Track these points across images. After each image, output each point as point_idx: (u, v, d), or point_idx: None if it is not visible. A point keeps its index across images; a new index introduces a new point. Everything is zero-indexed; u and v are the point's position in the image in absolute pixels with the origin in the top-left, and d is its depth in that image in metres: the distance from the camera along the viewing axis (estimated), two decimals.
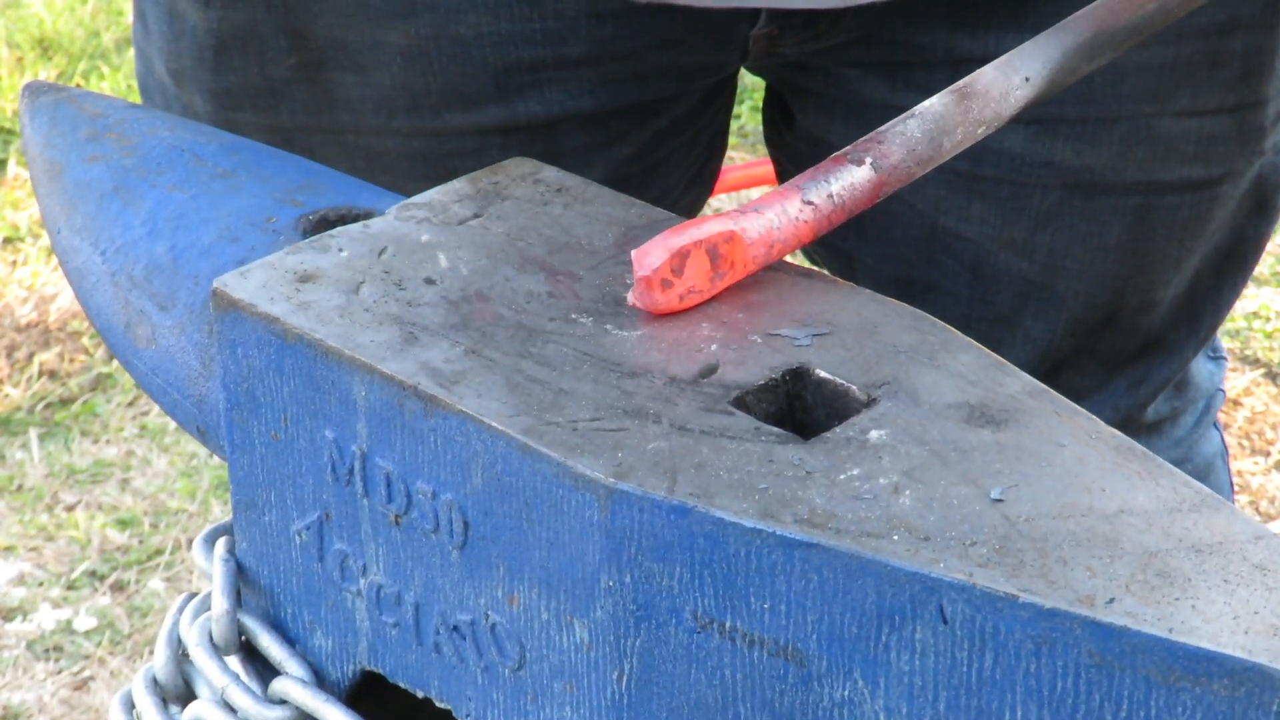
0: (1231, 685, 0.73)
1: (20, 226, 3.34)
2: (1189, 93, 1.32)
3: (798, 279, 0.94)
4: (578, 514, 0.83)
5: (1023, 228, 1.36)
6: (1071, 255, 1.37)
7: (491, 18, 1.29)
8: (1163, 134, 1.33)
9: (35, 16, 3.89)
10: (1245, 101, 1.35)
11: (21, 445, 2.87)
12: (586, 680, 0.85)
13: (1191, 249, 1.39)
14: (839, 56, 1.35)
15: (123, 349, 1.06)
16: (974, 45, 1.31)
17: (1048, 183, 1.34)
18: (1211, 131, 1.34)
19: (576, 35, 1.30)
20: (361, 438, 0.90)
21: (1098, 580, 0.76)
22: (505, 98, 1.32)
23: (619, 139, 1.36)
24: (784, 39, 1.33)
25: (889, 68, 1.34)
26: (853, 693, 0.80)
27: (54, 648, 2.54)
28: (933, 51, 1.32)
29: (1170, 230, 1.37)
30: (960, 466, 0.82)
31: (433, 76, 1.31)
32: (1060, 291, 1.38)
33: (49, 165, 1.11)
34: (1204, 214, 1.38)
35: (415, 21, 1.29)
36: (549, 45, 1.30)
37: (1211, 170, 1.36)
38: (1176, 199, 1.36)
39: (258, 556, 0.97)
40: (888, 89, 1.35)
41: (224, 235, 1.04)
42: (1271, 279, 3.17)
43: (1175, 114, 1.33)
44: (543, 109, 1.33)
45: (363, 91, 1.32)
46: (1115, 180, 1.34)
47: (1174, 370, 1.48)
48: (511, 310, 0.92)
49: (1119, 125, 1.32)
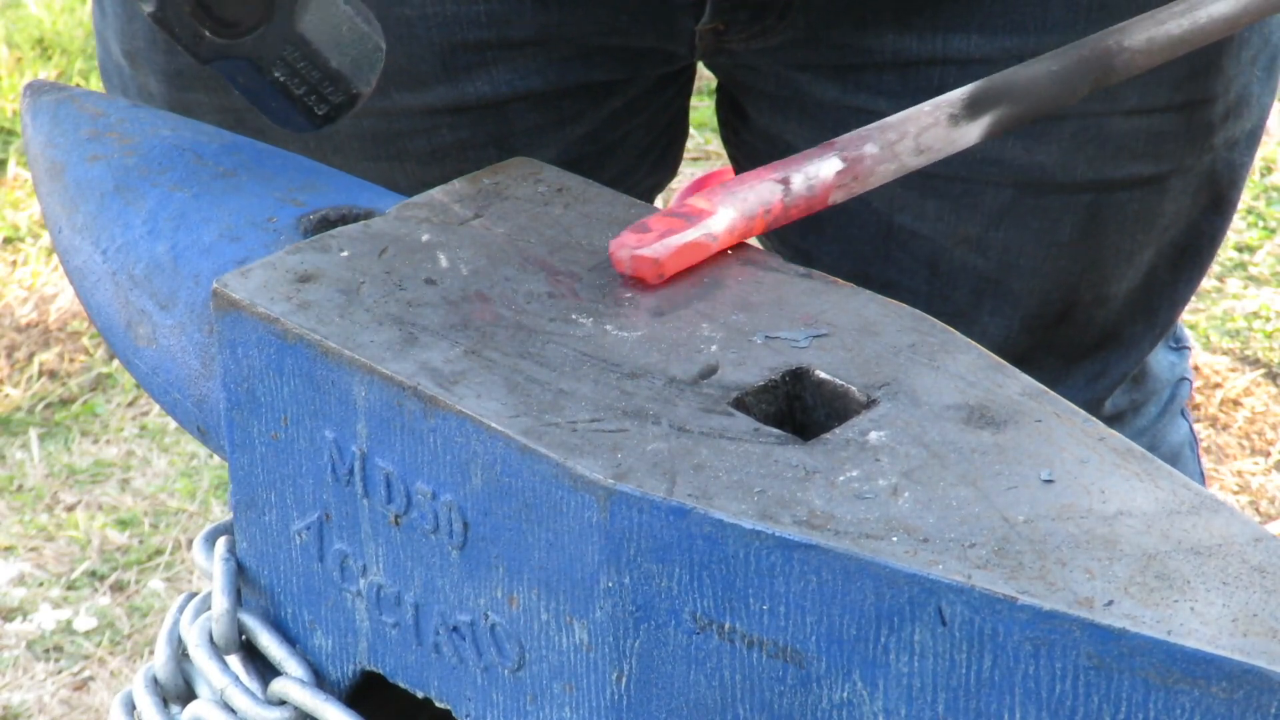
0: (1230, 687, 0.73)
1: (20, 226, 3.34)
2: (1138, 91, 1.33)
3: (797, 279, 0.94)
4: (577, 515, 0.83)
5: (976, 224, 1.37)
6: (1025, 253, 1.38)
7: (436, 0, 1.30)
8: (1112, 132, 1.35)
9: (35, 17, 3.89)
10: (1194, 99, 1.36)
11: (21, 445, 2.87)
12: (586, 681, 0.85)
13: (1143, 243, 1.41)
14: (788, 58, 1.36)
15: (123, 348, 1.06)
16: (921, 47, 1.32)
17: (999, 180, 1.35)
18: (1160, 129, 1.36)
19: (521, 18, 1.31)
20: (361, 438, 0.90)
21: (1096, 582, 0.76)
22: (453, 78, 1.33)
23: (571, 119, 1.37)
24: (730, 35, 1.34)
25: (839, 70, 1.35)
26: (852, 694, 0.80)
27: (54, 648, 2.53)
28: (881, 54, 1.33)
29: (1122, 225, 1.39)
30: (959, 468, 0.82)
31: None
32: (1015, 288, 1.39)
33: (50, 164, 1.11)
34: (1154, 208, 1.40)
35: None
36: (494, 27, 1.31)
37: (1161, 166, 1.37)
38: (1126, 194, 1.38)
39: (258, 556, 0.97)
40: (839, 90, 1.35)
41: (225, 235, 1.04)
42: (1272, 279, 3.17)
43: (1124, 113, 1.34)
44: (491, 89, 1.33)
45: None
46: (1066, 178, 1.36)
47: (1131, 364, 1.49)
48: (511, 310, 0.92)
49: (1068, 124, 1.33)
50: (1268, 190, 3.35)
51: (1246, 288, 3.16)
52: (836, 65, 1.34)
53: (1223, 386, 2.96)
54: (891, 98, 1.33)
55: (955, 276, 1.39)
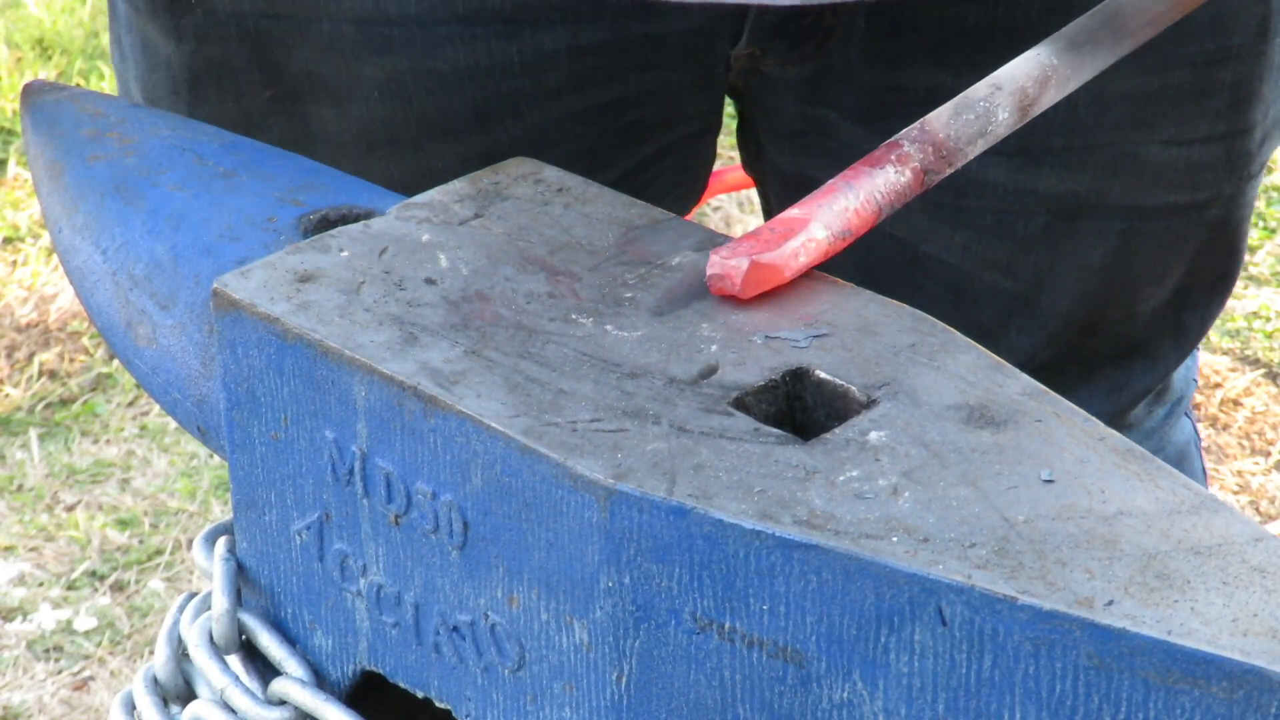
0: (1230, 688, 0.73)
1: (20, 226, 3.34)
2: (1175, 121, 1.31)
3: (797, 279, 0.94)
4: (577, 515, 0.83)
5: (1006, 251, 1.35)
6: (1055, 273, 1.36)
7: (469, 51, 1.28)
8: (1148, 161, 1.32)
9: (35, 17, 3.89)
10: (1234, 129, 1.33)
11: (21, 445, 2.87)
12: (586, 681, 0.85)
13: (1175, 267, 1.39)
14: (817, 96, 1.34)
15: (123, 348, 1.06)
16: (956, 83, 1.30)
17: (1031, 209, 1.33)
18: (1199, 160, 1.33)
19: (556, 66, 1.29)
20: (361, 438, 0.90)
21: (1097, 582, 0.76)
22: (486, 127, 1.31)
23: (603, 166, 1.34)
24: (766, 59, 1.32)
25: (868, 113, 1.32)
26: (852, 694, 0.80)
27: (54, 648, 2.54)
28: (914, 91, 1.30)
29: (1155, 251, 1.37)
30: (959, 468, 0.82)
31: (411, 110, 1.30)
32: (1044, 307, 1.37)
33: (50, 164, 1.11)
34: (1188, 235, 1.37)
35: (392, 56, 1.27)
36: (528, 76, 1.29)
37: (1198, 195, 1.35)
38: (1161, 223, 1.35)
39: (258, 556, 0.97)
40: (864, 131, 1.33)
41: (225, 235, 1.04)
42: (1272, 279, 3.17)
43: (1162, 142, 1.32)
44: (525, 137, 1.31)
45: (340, 125, 1.31)
46: (1099, 204, 1.33)
47: (1156, 379, 1.47)
48: (512, 310, 0.92)
49: (1102, 152, 1.31)
50: (1268, 190, 3.35)
51: (1246, 288, 3.16)
52: (867, 106, 1.32)
53: (1223, 386, 2.96)
54: None
55: (981, 299, 1.37)
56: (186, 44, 1.31)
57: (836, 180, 0.97)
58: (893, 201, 0.97)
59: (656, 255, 0.96)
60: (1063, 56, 1.03)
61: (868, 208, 0.96)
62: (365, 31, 1.27)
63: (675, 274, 0.94)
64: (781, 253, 0.92)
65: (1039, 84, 1.02)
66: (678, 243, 0.97)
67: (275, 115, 1.31)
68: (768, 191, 1.45)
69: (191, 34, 1.30)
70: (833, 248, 0.95)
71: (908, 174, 0.97)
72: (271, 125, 1.31)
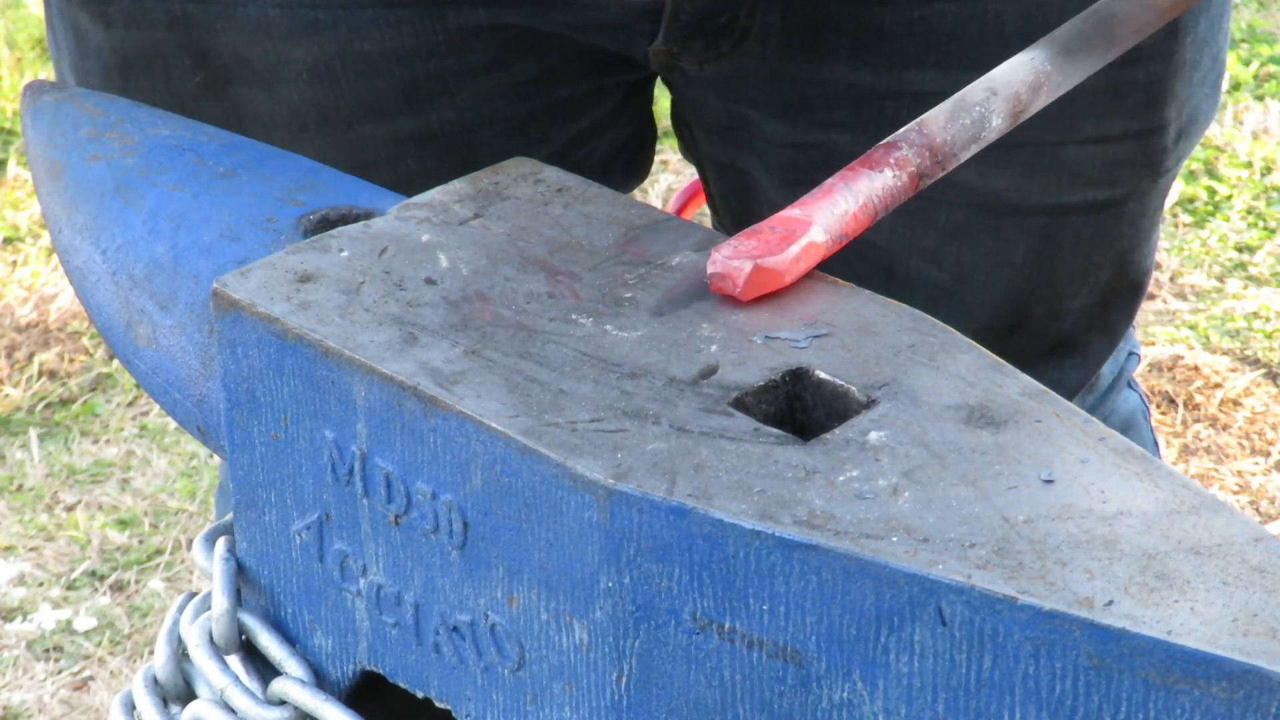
0: (1230, 687, 0.73)
1: (20, 226, 3.34)
2: (1093, 121, 1.33)
3: (797, 279, 0.94)
4: (577, 515, 0.83)
5: (931, 239, 1.36)
6: (979, 269, 1.37)
7: (394, 33, 1.29)
8: (1067, 160, 1.35)
9: (35, 17, 3.89)
10: (1149, 127, 1.36)
11: (21, 445, 2.87)
12: (586, 681, 0.85)
13: (1099, 264, 1.41)
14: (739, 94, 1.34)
15: (123, 348, 1.06)
16: (876, 81, 1.31)
17: (953, 199, 1.35)
18: (1116, 156, 1.36)
19: (481, 43, 1.30)
20: (361, 438, 0.90)
21: (1096, 582, 0.76)
22: (416, 108, 1.32)
23: (538, 142, 1.35)
24: (683, 57, 1.33)
25: (789, 107, 1.33)
26: (852, 694, 0.80)
27: (54, 648, 2.53)
28: (835, 86, 1.32)
29: (1076, 247, 1.39)
30: (959, 468, 0.82)
31: (340, 92, 1.31)
32: (968, 301, 1.39)
33: (50, 165, 1.11)
34: (1109, 230, 1.40)
35: (318, 39, 1.28)
36: (453, 55, 1.30)
37: (1116, 191, 1.37)
38: (1082, 219, 1.37)
39: (258, 556, 0.97)
40: (789, 128, 1.34)
41: (225, 235, 1.04)
42: (1272, 279, 3.17)
43: (1079, 141, 1.34)
44: (456, 116, 1.33)
45: (272, 108, 1.31)
46: (1020, 202, 1.35)
47: (1088, 372, 1.49)
48: (511, 310, 0.92)
49: (1021, 151, 1.32)
50: (1268, 190, 3.34)
51: (1246, 288, 3.15)
52: (787, 102, 1.33)
53: (1223, 386, 2.96)
54: (845, 129, 1.32)
55: (911, 284, 1.38)
56: (116, 30, 1.31)
57: (835, 180, 0.97)
58: (888, 205, 0.97)
59: (656, 255, 0.96)
60: (1055, 62, 1.04)
61: (865, 212, 0.96)
62: (291, 15, 1.28)
63: (675, 274, 0.94)
64: (784, 258, 0.93)
65: (1032, 90, 1.03)
66: (677, 243, 0.97)
67: (206, 99, 1.32)
68: (707, 177, 1.46)
69: (120, 20, 1.31)
70: (830, 251, 0.95)
71: (905, 178, 0.98)
72: (204, 109, 1.32)
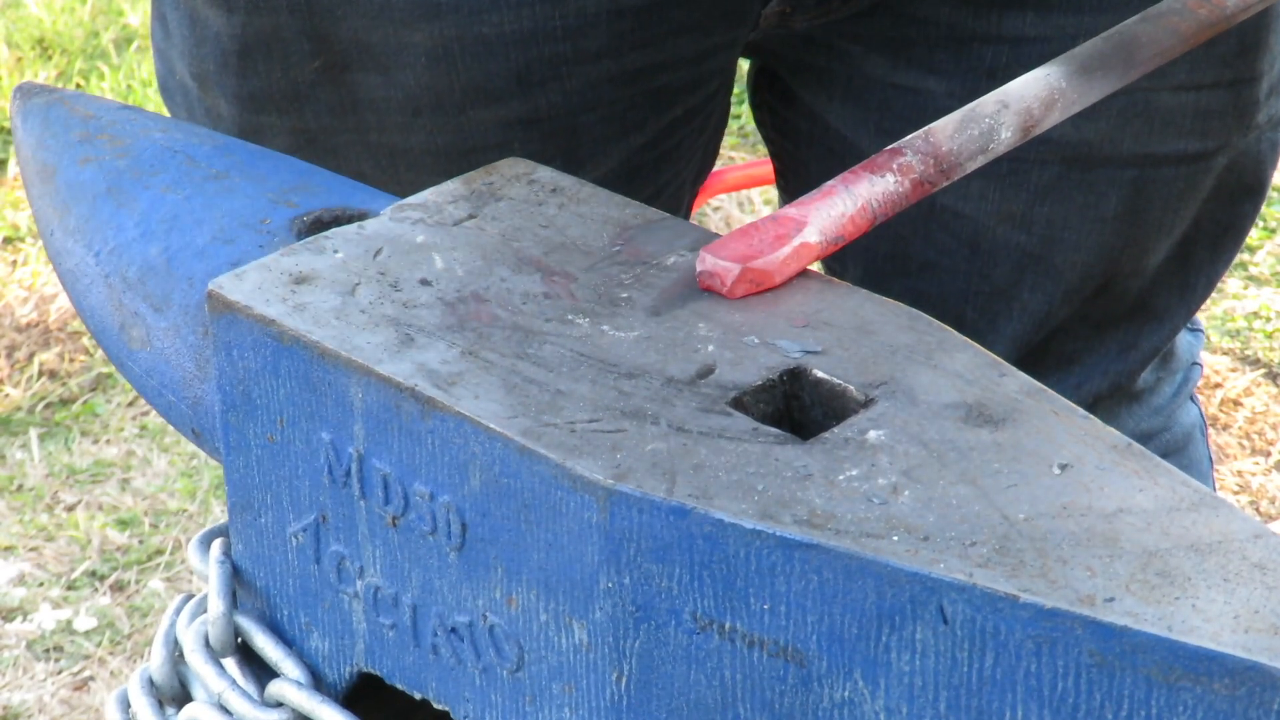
0: (1232, 684, 0.73)
1: (20, 226, 3.34)
2: (1186, 68, 1.34)
3: (795, 278, 0.94)
4: (576, 515, 0.82)
5: (1021, 201, 1.38)
6: (1069, 226, 1.39)
7: (514, 16, 1.30)
8: (1159, 108, 1.36)
9: (35, 17, 3.89)
10: (1241, 77, 1.38)
11: (21, 445, 2.87)
12: (585, 681, 0.85)
13: (1184, 218, 1.43)
14: (843, 30, 1.37)
15: (117, 351, 1.06)
16: (977, 22, 1.33)
17: (1046, 157, 1.36)
18: (1207, 106, 1.37)
19: (596, 29, 1.31)
20: (358, 439, 0.90)
21: (1098, 580, 0.76)
22: (527, 91, 1.33)
23: (634, 128, 1.37)
24: (795, 16, 1.35)
25: (892, 44, 1.36)
26: (853, 693, 0.79)
27: (54, 648, 2.54)
28: (936, 27, 1.34)
29: (1166, 201, 1.40)
30: (959, 466, 0.82)
31: (456, 75, 1.32)
32: (1058, 263, 1.40)
33: (41, 167, 1.11)
34: (1198, 185, 1.41)
35: (439, 23, 1.29)
36: (569, 40, 1.31)
37: (1207, 143, 1.39)
38: (1172, 171, 1.39)
39: (254, 558, 0.97)
40: (888, 66, 1.36)
41: (218, 237, 1.04)
42: (1272, 279, 3.17)
43: (1172, 88, 1.36)
44: (564, 100, 1.34)
45: (387, 92, 1.32)
46: (1112, 153, 1.37)
47: (1164, 338, 1.51)
48: (508, 311, 0.92)
49: (1116, 99, 1.34)
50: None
51: (1246, 288, 3.16)
52: (890, 38, 1.36)
53: (1223, 386, 2.96)
54: (942, 76, 1.34)
55: (996, 253, 1.40)
56: (237, 16, 1.32)
57: (836, 182, 0.96)
58: (888, 210, 0.97)
59: (652, 255, 0.96)
60: (1071, 80, 1.04)
61: (863, 215, 0.96)
62: None
63: (671, 274, 0.94)
64: (773, 259, 0.93)
65: (1045, 106, 1.03)
66: (673, 242, 0.96)
67: (322, 85, 1.33)
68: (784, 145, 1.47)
69: (242, 6, 1.32)
70: (824, 253, 0.95)
71: (907, 185, 0.98)
72: (318, 95, 1.33)
